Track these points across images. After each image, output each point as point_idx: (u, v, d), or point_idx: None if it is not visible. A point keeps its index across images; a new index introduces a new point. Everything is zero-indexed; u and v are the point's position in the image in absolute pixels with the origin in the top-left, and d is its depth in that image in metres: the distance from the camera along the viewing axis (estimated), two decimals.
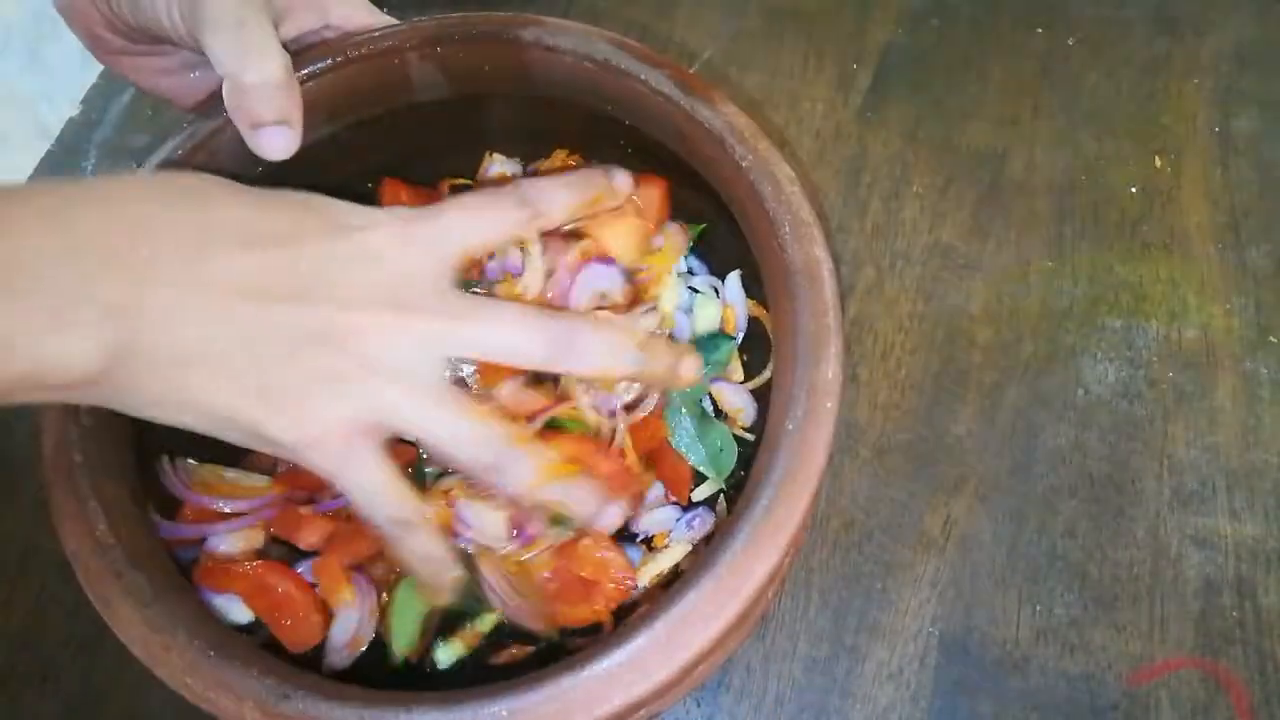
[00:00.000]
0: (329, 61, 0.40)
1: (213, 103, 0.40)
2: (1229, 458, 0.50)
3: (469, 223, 0.34)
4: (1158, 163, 0.58)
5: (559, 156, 0.47)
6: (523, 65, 0.41)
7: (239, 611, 0.39)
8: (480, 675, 0.38)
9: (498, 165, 0.47)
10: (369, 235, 0.32)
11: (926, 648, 0.46)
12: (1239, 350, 0.53)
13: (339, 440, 0.31)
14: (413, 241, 0.33)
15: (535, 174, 0.47)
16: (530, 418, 0.37)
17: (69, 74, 0.68)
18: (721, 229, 0.43)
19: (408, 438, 0.33)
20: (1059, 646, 0.46)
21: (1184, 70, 0.61)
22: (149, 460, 0.38)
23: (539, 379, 0.38)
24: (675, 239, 0.44)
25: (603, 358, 0.34)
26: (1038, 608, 0.47)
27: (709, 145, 0.38)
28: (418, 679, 0.39)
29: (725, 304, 0.44)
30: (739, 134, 0.38)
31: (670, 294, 0.43)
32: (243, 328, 0.30)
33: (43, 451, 0.34)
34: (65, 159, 0.61)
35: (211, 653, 0.31)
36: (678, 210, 0.45)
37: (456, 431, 0.32)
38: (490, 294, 0.39)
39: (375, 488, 0.32)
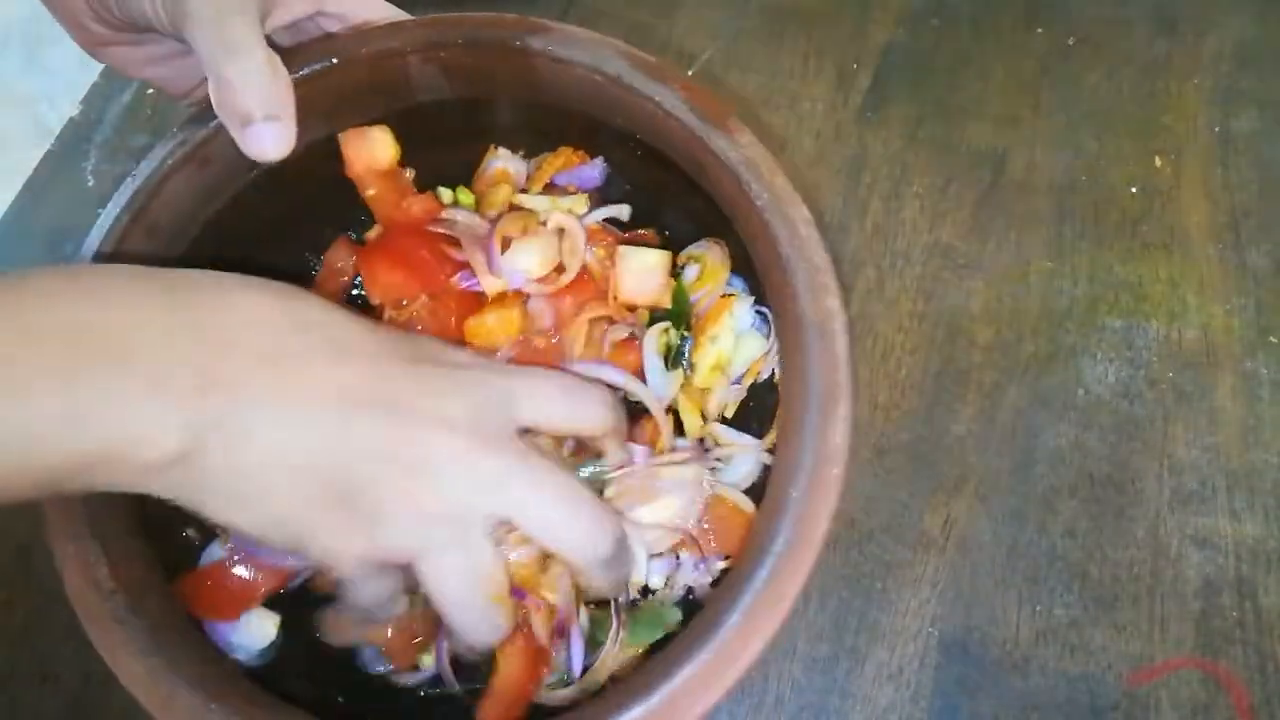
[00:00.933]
0: (327, 63, 0.39)
1: (205, 92, 0.39)
2: (1229, 458, 0.50)
3: (549, 399, 0.34)
4: (1158, 162, 0.58)
5: (564, 153, 0.46)
6: (529, 73, 0.40)
7: (263, 631, 0.38)
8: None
9: (500, 161, 0.46)
10: (458, 371, 0.32)
11: (926, 648, 0.46)
12: (1239, 350, 0.53)
13: (370, 565, 0.31)
14: (499, 388, 0.32)
15: (539, 169, 0.46)
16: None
17: (69, 74, 0.68)
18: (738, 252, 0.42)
19: (425, 585, 0.32)
20: (1059, 647, 0.46)
21: (1184, 70, 0.61)
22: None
23: None
24: (717, 259, 0.43)
25: (615, 588, 0.35)
26: (1038, 608, 0.47)
27: (724, 177, 0.37)
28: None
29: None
30: (755, 169, 0.36)
31: (727, 336, 0.42)
32: (325, 435, 0.29)
33: None
34: (65, 159, 0.61)
35: (213, 705, 0.30)
36: (691, 228, 0.45)
37: (468, 610, 0.32)
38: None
39: (376, 607, 0.33)
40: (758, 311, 0.43)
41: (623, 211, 0.45)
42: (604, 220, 0.44)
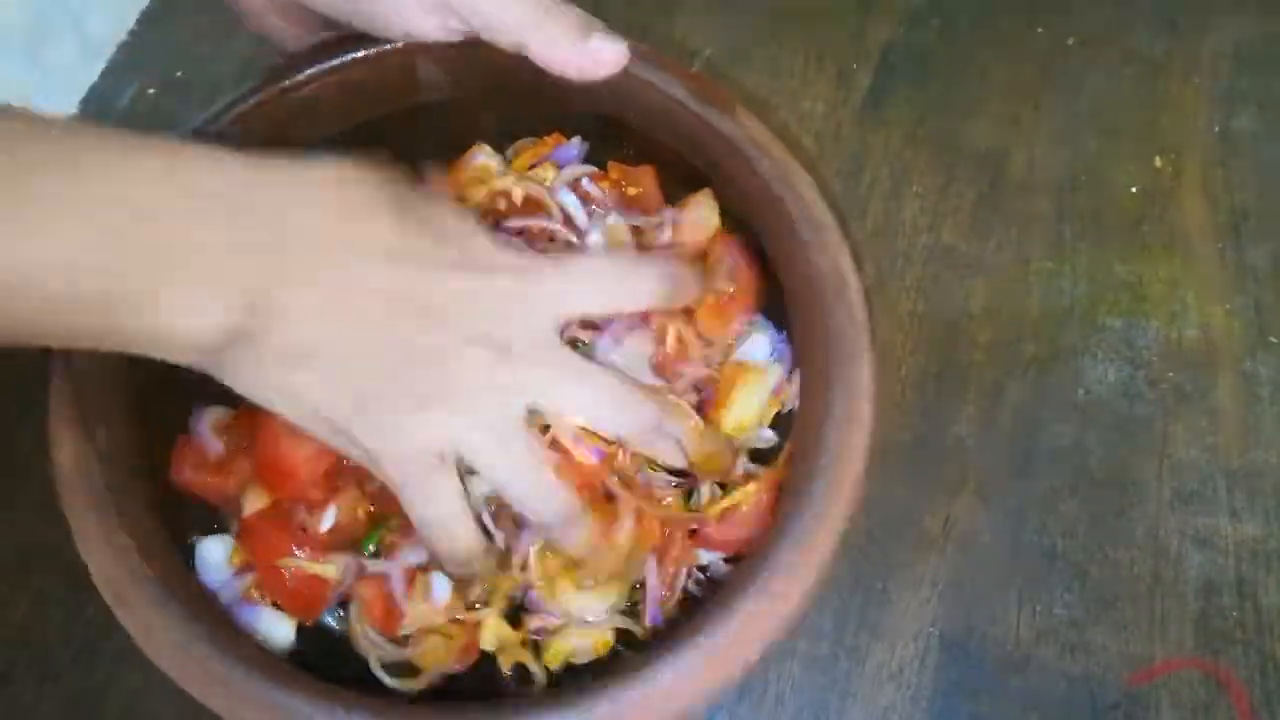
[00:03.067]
0: (351, 57, 0.39)
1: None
2: (1229, 458, 0.50)
3: (592, 287, 0.35)
4: (1158, 162, 0.58)
5: (543, 141, 0.46)
6: (534, 68, 0.40)
7: (281, 630, 0.38)
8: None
9: (483, 156, 0.46)
10: (496, 277, 0.33)
11: (926, 648, 0.46)
12: (1239, 350, 0.53)
13: (415, 459, 0.33)
14: (535, 293, 0.34)
15: (517, 155, 0.46)
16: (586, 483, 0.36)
17: (69, 74, 0.68)
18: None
19: (477, 472, 0.34)
20: (1059, 646, 0.46)
21: (1184, 70, 0.61)
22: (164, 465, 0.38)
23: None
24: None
25: (672, 453, 0.36)
26: (1038, 608, 0.47)
27: (727, 155, 0.38)
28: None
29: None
30: (758, 144, 0.38)
31: (746, 401, 0.41)
32: (363, 334, 0.31)
33: (57, 471, 0.34)
34: None
35: (269, 682, 0.31)
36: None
37: (524, 485, 0.34)
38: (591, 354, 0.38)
39: (438, 519, 0.34)
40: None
41: (589, 171, 0.45)
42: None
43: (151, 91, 0.62)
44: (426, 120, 0.43)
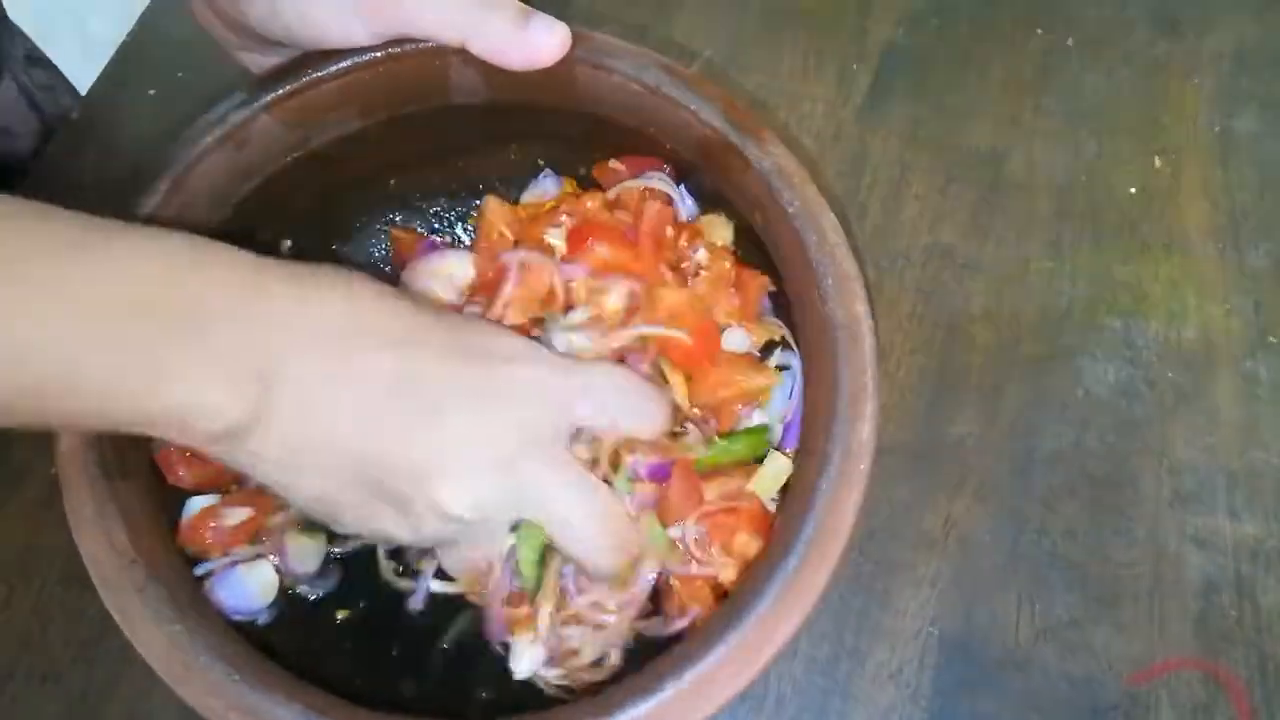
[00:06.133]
0: (368, 57, 0.39)
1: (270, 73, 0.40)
2: (1228, 458, 0.50)
3: (609, 404, 0.35)
4: (1158, 163, 0.58)
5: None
6: (567, 79, 0.40)
7: (264, 583, 0.39)
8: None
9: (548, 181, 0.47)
10: (510, 371, 0.34)
11: (927, 648, 0.46)
12: (1238, 350, 0.53)
13: (416, 538, 0.35)
14: (553, 392, 0.34)
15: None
16: None
17: (69, 74, 0.68)
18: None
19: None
20: (1059, 647, 0.46)
21: (1184, 70, 0.61)
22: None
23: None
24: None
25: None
26: (1038, 608, 0.47)
27: (754, 185, 0.38)
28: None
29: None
30: (786, 177, 0.37)
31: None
32: (365, 425, 0.31)
33: (57, 450, 0.34)
34: (64, 159, 0.61)
35: (236, 676, 0.31)
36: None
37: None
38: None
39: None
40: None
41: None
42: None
43: (152, 92, 0.62)
44: (456, 118, 0.43)
